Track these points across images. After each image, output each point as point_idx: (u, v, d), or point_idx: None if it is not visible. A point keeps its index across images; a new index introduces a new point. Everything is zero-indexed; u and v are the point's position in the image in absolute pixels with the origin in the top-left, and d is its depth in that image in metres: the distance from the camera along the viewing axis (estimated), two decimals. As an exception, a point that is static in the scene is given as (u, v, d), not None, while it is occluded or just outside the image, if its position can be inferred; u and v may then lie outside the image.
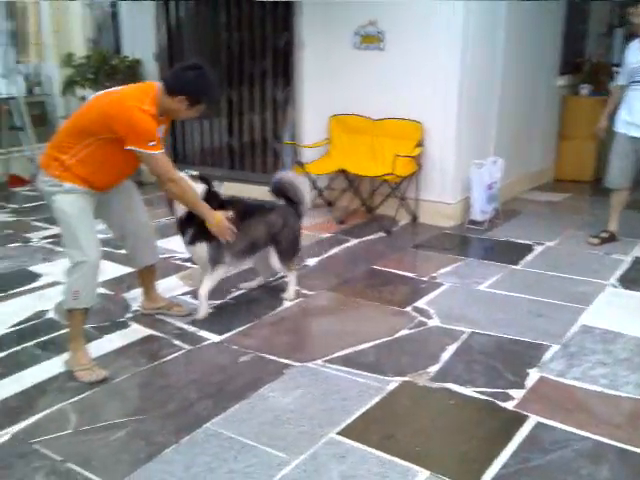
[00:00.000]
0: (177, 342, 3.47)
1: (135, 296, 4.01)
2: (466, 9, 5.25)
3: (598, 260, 4.54)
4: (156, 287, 3.84)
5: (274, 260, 3.96)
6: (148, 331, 3.60)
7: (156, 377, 3.14)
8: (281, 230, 3.92)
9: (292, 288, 4.06)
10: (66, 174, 3.08)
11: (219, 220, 3.42)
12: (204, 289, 3.74)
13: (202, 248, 3.65)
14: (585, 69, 7.55)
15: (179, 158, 7.55)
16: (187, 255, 4.83)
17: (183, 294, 4.12)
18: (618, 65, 7.58)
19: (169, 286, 4.19)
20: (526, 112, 6.57)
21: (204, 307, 3.76)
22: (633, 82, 4.56)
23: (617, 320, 3.58)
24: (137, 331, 3.61)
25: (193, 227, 3.59)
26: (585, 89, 7.23)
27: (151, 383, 3.09)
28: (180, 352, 3.36)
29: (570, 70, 7.34)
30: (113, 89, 3.23)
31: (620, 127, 4.68)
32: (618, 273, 4.27)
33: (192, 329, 3.63)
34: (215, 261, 3.69)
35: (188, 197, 3.32)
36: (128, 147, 3.02)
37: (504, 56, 5.87)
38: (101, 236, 3.31)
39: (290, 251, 4.01)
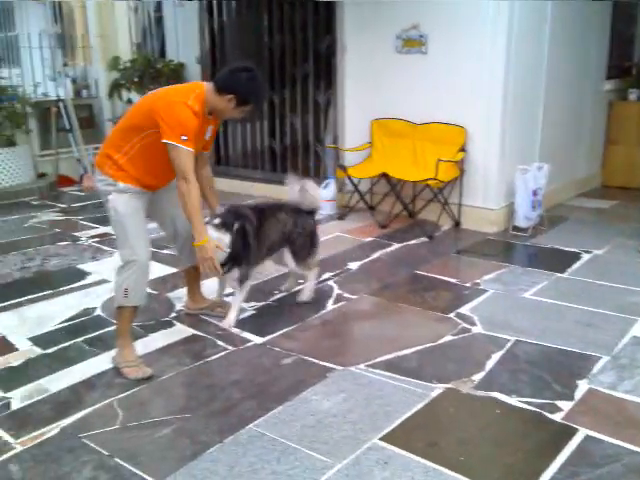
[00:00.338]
0: (220, 342, 3.50)
1: (179, 296, 4.07)
2: (510, 11, 5.18)
3: (649, 270, 4.42)
4: (200, 288, 3.88)
5: (288, 260, 3.95)
6: (192, 331, 3.64)
7: (200, 376, 3.17)
8: (293, 229, 3.90)
9: (307, 289, 4.04)
10: (120, 174, 3.14)
11: (205, 243, 3.26)
12: (239, 303, 3.75)
13: (234, 273, 3.66)
14: (634, 73, 7.39)
15: (222, 161, 7.64)
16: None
17: (226, 295, 4.14)
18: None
19: (212, 287, 4.22)
20: (572, 117, 6.44)
21: (234, 317, 3.72)
22: None
23: (670, 333, 3.47)
24: (181, 330, 3.65)
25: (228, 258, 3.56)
26: (634, 94, 7.06)
27: (195, 382, 3.12)
28: (223, 352, 3.39)
29: (618, 74, 7.18)
30: (163, 88, 3.29)
31: None
32: (671, 284, 4.15)
33: (235, 330, 3.65)
34: (244, 279, 3.72)
35: (190, 202, 3.17)
36: (163, 140, 3.04)
37: (549, 59, 5.78)
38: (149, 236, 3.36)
39: (304, 250, 3.97)
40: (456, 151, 5.52)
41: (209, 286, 4.12)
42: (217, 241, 3.41)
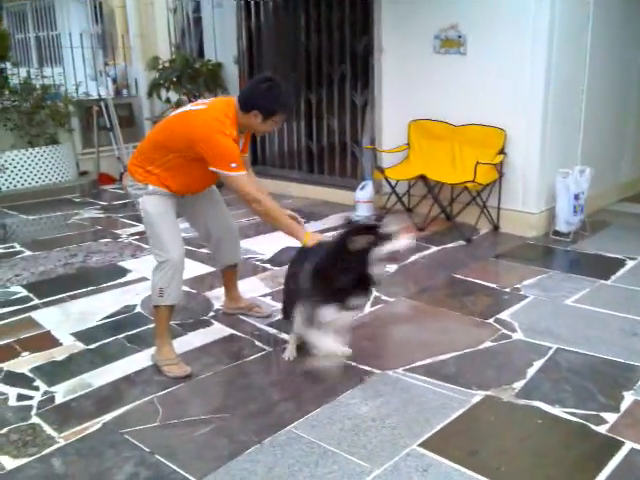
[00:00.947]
0: (258, 343, 3.51)
1: (217, 295, 4.09)
2: (552, 11, 5.09)
3: (695, 278, 4.30)
4: (237, 287, 3.90)
5: None
6: (230, 330, 3.66)
7: (238, 376, 3.18)
8: None
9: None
10: (151, 178, 3.18)
11: (309, 238, 3.21)
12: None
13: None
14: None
15: (259, 161, 7.68)
16: (267, 256, 4.96)
17: (263, 295, 4.16)
18: None
19: (250, 287, 4.25)
20: (615, 119, 6.30)
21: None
22: None
23: None
24: (219, 330, 3.67)
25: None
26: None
27: (233, 382, 3.13)
28: (261, 353, 3.40)
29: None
30: (195, 107, 3.25)
31: None
32: None
33: (272, 331, 3.66)
34: None
35: (273, 216, 3.20)
36: (211, 168, 3.08)
37: (591, 59, 5.64)
38: (184, 235, 3.39)
39: None
40: (495, 153, 5.44)
41: (246, 286, 4.14)
42: None
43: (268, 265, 4.78)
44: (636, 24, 6.33)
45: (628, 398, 2.89)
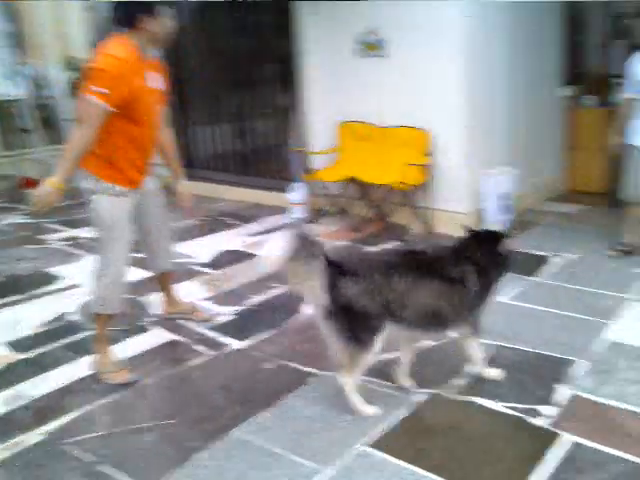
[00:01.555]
0: (199, 347, 3.45)
1: (156, 300, 3.99)
2: (469, 18, 5.25)
3: (618, 273, 4.52)
4: (176, 291, 3.82)
5: None
6: (170, 335, 3.59)
7: (182, 382, 3.12)
8: None
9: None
10: (105, 172, 3.03)
11: (58, 187, 2.88)
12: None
13: None
14: (587, 80, 7.56)
15: (189, 164, 7.54)
16: (205, 260, 4.88)
17: (203, 299, 4.09)
18: (618, 76, 7.64)
19: (189, 291, 4.17)
20: (533, 122, 6.55)
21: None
22: None
23: (642, 336, 3.56)
24: (159, 335, 3.60)
25: None
26: (589, 100, 7.22)
27: (177, 388, 3.07)
28: (203, 358, 3.34)
29: (572, 81, 7.35)
30: None
31: (636, 140, 4.68)
32: None
33: (213, 335, 3.61)
34: None
35: (71, 145, 2.89)
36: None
37: (508, 65, 5.87)
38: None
39: None
40: (422, 154, 5.55)
41: (186, 290, 4.07)
42: None
43: (207, 269, 4.71)
44: (546, 33, 6.61)
45: (562, 392, 3.00)
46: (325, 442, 2.64)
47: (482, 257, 2.89)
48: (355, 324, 2.66)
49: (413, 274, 2.73)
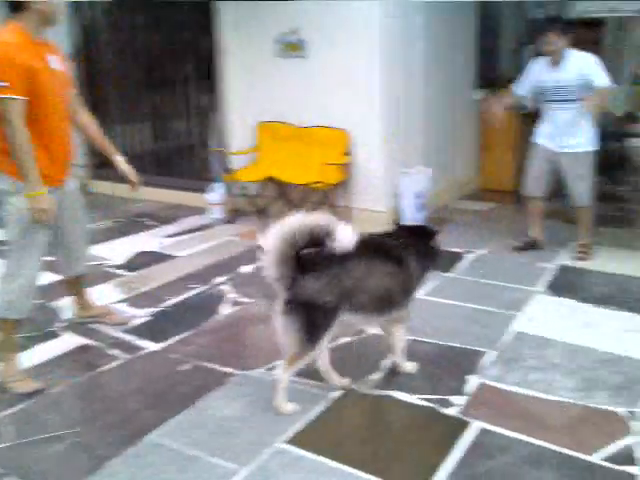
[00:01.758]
0: (113, 351, 3.36)
1: (67, 304, 3.85)
2: (386, 20, 5.35)
3: (526, 268, 4.72)
4: (88, 295, 3.71)
5: None
6: (82, 340, 3.48)
7: (94, 388, 3.03)
8: None
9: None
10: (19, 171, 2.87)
11: (42, 194, 2.87)
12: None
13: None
14: (499, 84, 7.87)
15: (103, 165, 7.31)
16: (120, 262, 4.75)
17: (118, 302, 3.99)
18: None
19: (103, 294, 4.05)
20: (449, 124, 6.76)
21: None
22: (550, 101, 4.77)
23: (548, 326, 3.73)
24: (70, 340, 3.48)
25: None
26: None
27: (89, 394, 2.98)
28: (117, 362, 3.26)
29: (486, 84, 7.63)
30: None
31: (539, 139, 4.92)
32: (546, 280, 4.45)
33: (128, 338, 3.52)
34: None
35: (15, 149, 2.79)
36: None
37: (426, 67, 6.03)
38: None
39: None
40: (341, 154, 5.62)
41: (99, 293, 3.95)
42: None
43: (122, 271, 4.59)
44: (461, 38, 6.83)
45: (473, 381, 3.11)
46: (242, 441, 2.62)
47: (417, 247, 3.01)
48: (311, 320, 2.69)
49: (366, 259, 2.82)
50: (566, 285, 4.37)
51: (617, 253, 5.16)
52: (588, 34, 11.06)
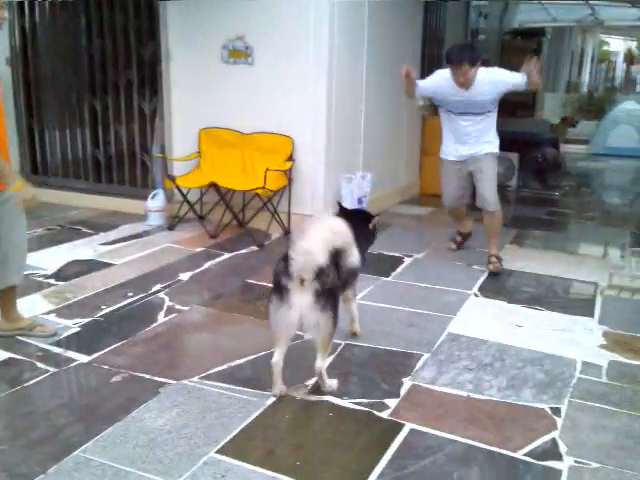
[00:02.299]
0: (41, 365, 3.25)
1: (-8, 316, 3.72)
2: (330, 28, 5.42)
3: (462, 271, 4.82)
4: (17, 307, 3.59)
5: None
6: (6, 354, 3.35)
7: (18, 403, 2.92)
8: None
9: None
10: None
11: (22, 184, 3.09)
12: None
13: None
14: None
15: (39, 171, 7.14)
16: (51, 271, 4.62)
17: (47, 313, 3.87)
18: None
19: (32, 305, 3.93)
20: (390, 130, 6.86)
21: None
22: (450, 112, 4.77)
23: (480, 327, 3.82)
24: (-5, 354, 3.35)
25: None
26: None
27: (12, 410, 2.87)
28: (45, 375, 3.15)
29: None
30: None
31: (443, 154, 5.02)
32: (479, 283, 4.56)
33: (57, 350, 3.42)
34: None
35: None
36: None
37: (367, 74, 6.11)
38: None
39: None
40: (284, 160, 5.63)
41: (28, 304, 3.83)
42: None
43: (52, 280, 4.46)
44: (406, 46, 6.95)
45: (406, 384, 3.15)
46: (174, 453, 2.58)
47: (359, 229, 3.19)
48: (336, 303, 3.00)
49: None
50: (498, 287, 4.49)
51: (547, 255, 5.34)
52: (528, 43, 11.47)
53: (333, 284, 2.92)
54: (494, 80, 4.51)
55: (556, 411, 2.92)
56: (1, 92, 3.13)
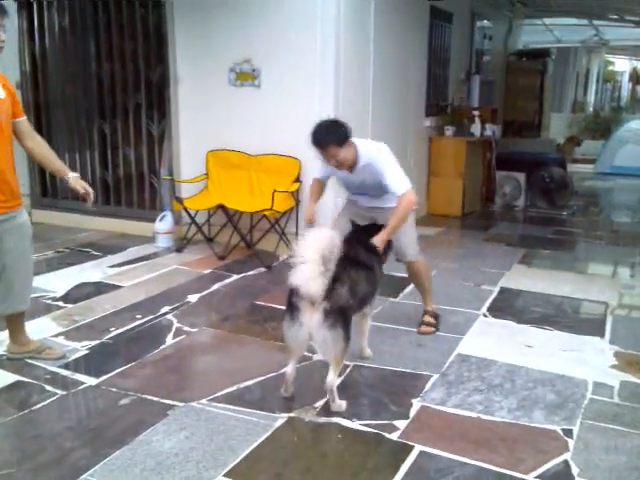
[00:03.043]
0: (49, 387, 3.25)
1: (0, 339, 3.73)
2: (337, 51, 5.47)
3: (470, 291, 4.80)
4: (25, 331, 3.59)
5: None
6: (15, 377, 3.35)
7: (26, 426, 2.91)
8: None
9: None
10: None
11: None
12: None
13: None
14: (448, 111, 8.10)
15: (49, 193, 7.19)
16: (59, 294, 4.64)
17: (55, 335, 3.88)
18: (476, 109, 8.25)
19: (41, 327, 3.94)
20: (398, 150, 6.82)
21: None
22: (353, 192, 4.04)
23: (489, 348, 3.79)
24: (2, 378, 3.34)
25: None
26: (449, 130, 7.72)
27: (20, 433, 2.86)
28: (53, 398, 3.15)
29: (435, 112, 7.83)
30: None
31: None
32: (488, 303, 4.53)
33: (65, 373, 3.42)
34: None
35: None
36: None
37: (374, 96, 6.15)
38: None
39: None
40: (291, 182, 5.65)
41: (37, 326, 3.84)
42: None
43: (61, 303, 4.47)
44: (412, 67, 7.01)
45: (416, 405, 3.13)
46: (181, 477, 2.55)
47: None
48: (348, 321, 3.04)
49: (356, 261, 3.20)
50: (507, 307, 4.46)
51: (556, 275, 5.31)
52: (533, 64, 11.55)
53: (345, 303, 2.97)
54: (374, 172, 3.74)
55: (568, 432, 2.88)
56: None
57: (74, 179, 3.46)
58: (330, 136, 3.68)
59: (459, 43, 8.48)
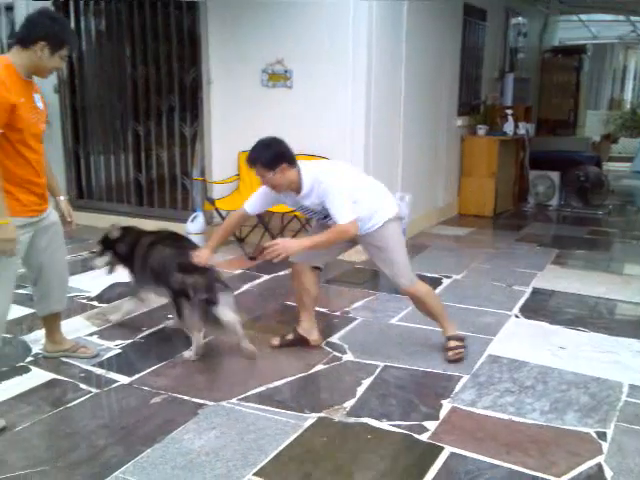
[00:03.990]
0: (83, 386, 3.31)
1: (36, 338, 3.81)
2: (369, 50, 5.46)
3: (502, 292, 4.74)
4: (61, 330, 3.66)
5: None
6: (51, 375, 3.42)
7: (61, 424, 2.97)
8: None
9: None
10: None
11: (7, 223, 2.79)
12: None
13: None
14: (481, 110, 8.02)
15: (84, 194, 7.33)
16: (93, 294, 4.72)
17: (89, 335, 3.95)
18: (509, 107, 8.15)
19: (75, 326, 4.01)
20: (429, 150, 6.84)
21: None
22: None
23: (521, 349, 3.74)
24: (39, 376, 3.41)
25: None
26: (482, 129, 7.64)
27: (55, 431, 2.92)
28: (87, 396, 3.20)
29: (468, 111, 7.75)
30: None
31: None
32: (520, 303, 4.48)
33: (100, 371, 3.48)
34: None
35: None
36: None
37: (406, 96, 6.12)
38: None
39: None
40: (322, 182, 5.65)
41: (71, 325, 3.91)
42: None
43: (95, 302, 4.56)
44: (444, 66, 6.95)
45: (446, 406, 3.10)
46: (211, 475, 2.58)
47: None
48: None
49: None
50: (539, 308, 4.40)
51: (590, 275, 5.21)
52: (568, 61, 11.36)
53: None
54: (320, 196, 3.42)
55: (602, 435, 2.83)
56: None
57: (64, 202, 3.50)
58: (258, 157, 3.45)
59: (493, 41, 8.39)
